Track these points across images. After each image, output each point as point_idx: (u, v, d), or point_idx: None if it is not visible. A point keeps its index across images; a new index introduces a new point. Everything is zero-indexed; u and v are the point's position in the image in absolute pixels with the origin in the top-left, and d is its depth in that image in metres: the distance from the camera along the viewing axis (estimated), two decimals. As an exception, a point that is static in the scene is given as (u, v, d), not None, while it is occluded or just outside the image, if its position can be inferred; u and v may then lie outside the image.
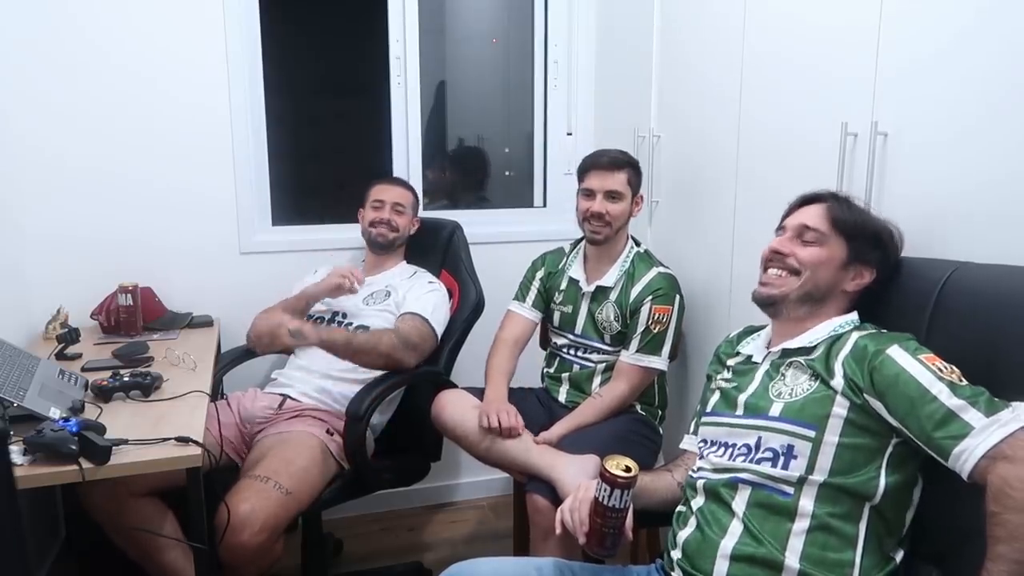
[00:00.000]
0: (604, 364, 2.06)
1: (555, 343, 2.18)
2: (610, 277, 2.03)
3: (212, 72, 2.39)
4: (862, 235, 1.33)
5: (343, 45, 2.78)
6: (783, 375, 1.31)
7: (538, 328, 2.24)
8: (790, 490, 1.21)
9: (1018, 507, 0.98)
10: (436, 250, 2.40)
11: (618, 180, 2.00)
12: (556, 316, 2.15)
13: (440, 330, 2.14)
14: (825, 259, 1.32)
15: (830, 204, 1.36)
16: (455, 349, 2.23)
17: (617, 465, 1.26)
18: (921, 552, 1.22)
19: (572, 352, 2.12)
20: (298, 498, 1.80)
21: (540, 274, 2.19)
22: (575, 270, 2.11)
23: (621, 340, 2.02)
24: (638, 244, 2.11)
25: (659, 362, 1.97)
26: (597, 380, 2.06)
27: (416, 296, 2.18)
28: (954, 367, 1.14)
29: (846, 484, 1.18)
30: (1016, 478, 0.99)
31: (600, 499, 1.26)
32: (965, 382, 1.11)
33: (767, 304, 1.38)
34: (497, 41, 3.06)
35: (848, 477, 1.18)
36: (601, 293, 2.04)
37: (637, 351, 1.97)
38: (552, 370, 2.17)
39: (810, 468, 1.20)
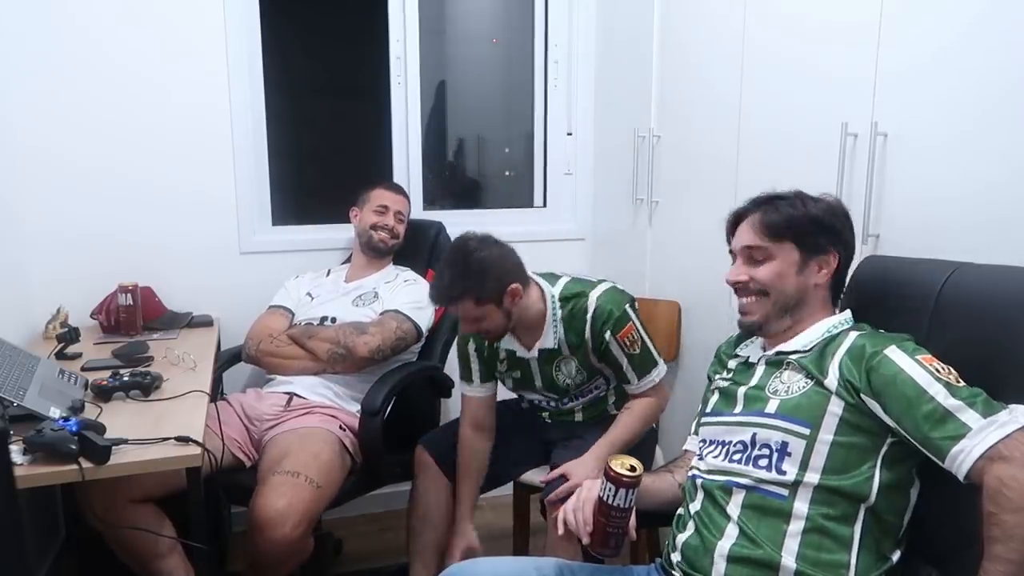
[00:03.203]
0: (583, 406, 1.94)
1: (520, 396, 2.03)
2: (548, 339, 1.81)
3: (212, 72, 2.39)
4: (802, 228, 1.31)
5: (343, 45, 2.78)
6: (780, 374, 1.31)
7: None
8: (784, 492, 1.21)
9: (1014, 507, 0.98)
10: (422, 250, 2.43)
11: (463, 309, 1.71)
12: (509, 382, 1.96)
13: (420, 317, 2.17)
14: (781, 270, 1.31)
15: (757, 214, 1.34)
16: (448, 344, 2.29)
17: (622, 464, 1.25)
18: (920, 553, 1.22)
19: (538, 403, 1.99)
20: (327, 492, 1.83)
21: (472, 347, 1.93)
22: (506, 342, 1.86)
23: (587, 381, 1.88)
24: (552, 283, 1.83)
25: (661, 370, 1.85)
26: (579, 416, 1.96)
27: (392, 295, 2.23)
28: (951, 368, 1.13)
29: (841, 486, 1.18)
30: (1012, 478, 0.99)
31: (605, 499, 1.26)
32: (963, 383, 1.11)
33: (752, 330, 1.39)
34: (497, 41, 3.06)
35: (842, 478, 1.18)
36: (548, 354, 1.84)
37: (639, 378, 1.82)
38: (526, 406, 2.04)
39: (803, 467, 1.20)
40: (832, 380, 1.22)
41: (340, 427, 2.01)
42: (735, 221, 1.39)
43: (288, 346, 2.16)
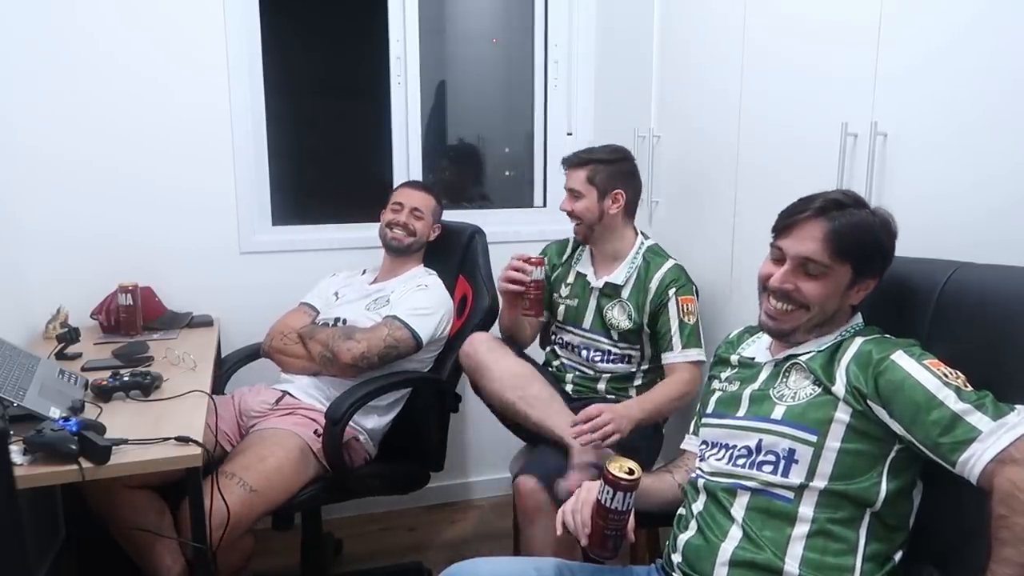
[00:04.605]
0: (609, 375, 2.03)
1: (558, 340, 2.13)
2: (620, 274, 2.00)
3: (212, 72, 2.39)
4: (869, 256, 1.26)
5: (343, 45, 2.78)
6: (785, 377, 1.31)
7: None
8: (790, 495, 1.21)
9: None
10: (454, 254, 2.33)
11: (576, 178, 2.00)
12: (561, 309, 2.10)
13: (422, 325, 2.08)
14: (831, 290, 1.26)
15: (826, 223, 1.25)
16: None
17: (620, 467, 1.25)
18: (921, 552, 1.22)
19: (575, 353, 2.08)
20: (266, 496, 1.80)
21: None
22: (583, 265, 2.09)
23: (629, 338, 1.99)
24: (647, 237, 2.07)
25: (703, 353, 1.93)
26: (602, 385, 2.04)
27: (401, 299, 2.16)
28: (959, 372, 1.13)
29: (848, 491, 1.18)
30: None
31: (603, 501, 1.26)
32: (970, 388, 1.11)
33: (778, 335, 1.34)
34: (497, 41, 3.06)
35: (849, 483, 1.18)
36: (611, 290, 2.00)
37: (683, 347, 1.92)
38: (554, 370, 2.14)
39: (811, 474, 1.20)
40: (840, 386, 1.21)
41: (315, 432, 1.97)
42: (794, 213, 1.29)
43: (295, 345, 2.16)
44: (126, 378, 1.68)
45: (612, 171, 2.00)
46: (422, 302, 2.14)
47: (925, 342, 1.22)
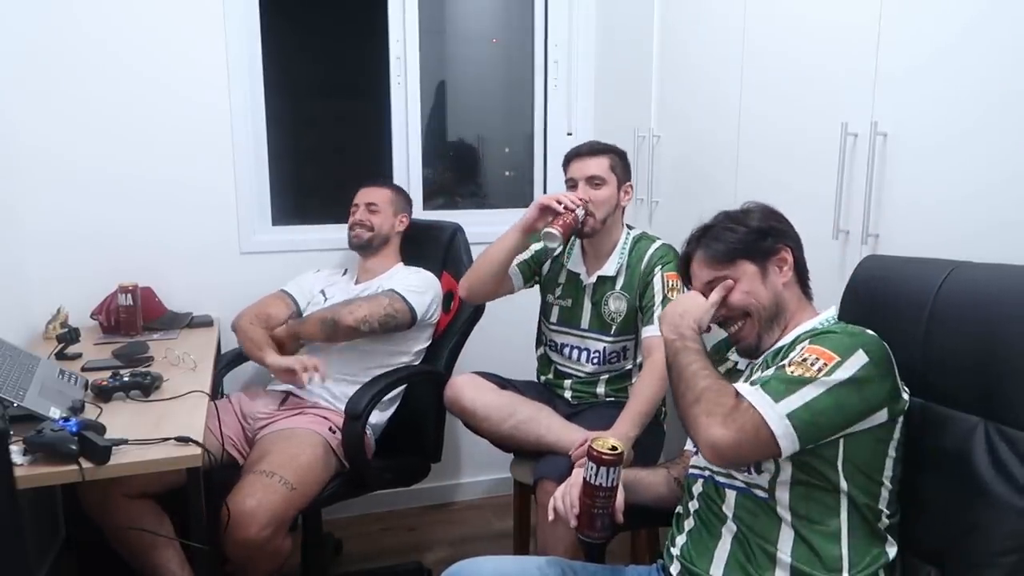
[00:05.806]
0: (607, 375, 2.04)
1: (552, 343, 2.13)
2: (611, 266, 2.00)
3: (212, 72, 2.39)
4: (747, 244, 1.33)
5: (343, 45, 2.78)
6: (755, 373, 1.32)
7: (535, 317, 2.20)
8: (765, 494, 1.22)
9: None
10: (437, 252, 2.37)
11: (598, 165, 1.97)
12: (555, 312, 2.09)
13: (417, 301, 2.13)
14: (749, 287, 1.32)
15: (700, 252, 1.37)
16: (456, 350, 2.22)
17: (603, 444, 1.29)
18: (920, 551, 1.22)
19: (570, 357, 2.08)
20: (303, 493, 1.82)
21: (537, 247, 2.12)
22: (574, 263, 2.07)
23: (626, 329, 1.99)
24: (631, 228, 2.07)
25: None
26: (601, 389, 2.05)
27: (393, 282, 2.20)
28: (826, 369, 1.13)
29: (810, 479, 1.18)
30: (726, 430, 1.13)
31: (588, 479, 1.29)
32: (813, 375, 1.13)
33: (752, 352, 1.37)
34: (497, 41, 3.06)
35: (810, 470, 1.17)
36: (603, 284, 2.01)
37: None
38: (550, 376, 2.14)
39: (776, 467, 1.20)
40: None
41: (330, 429, 2.00)
42: (686, 265, 1.42)
43: (260, 329, 2.15)
44: (126, 378, 1.68)
45: (625, 163, 2.03)
46: (415, 280, 2.20)
47: (922, 341, 1.22)
